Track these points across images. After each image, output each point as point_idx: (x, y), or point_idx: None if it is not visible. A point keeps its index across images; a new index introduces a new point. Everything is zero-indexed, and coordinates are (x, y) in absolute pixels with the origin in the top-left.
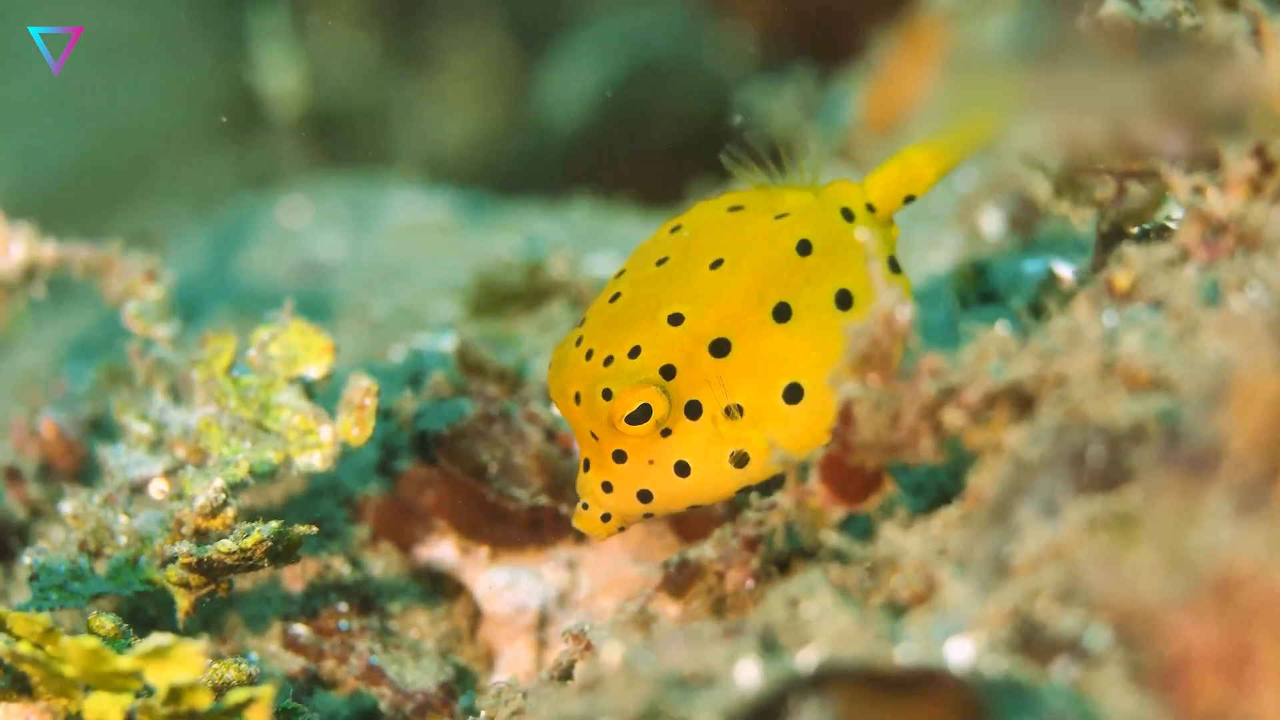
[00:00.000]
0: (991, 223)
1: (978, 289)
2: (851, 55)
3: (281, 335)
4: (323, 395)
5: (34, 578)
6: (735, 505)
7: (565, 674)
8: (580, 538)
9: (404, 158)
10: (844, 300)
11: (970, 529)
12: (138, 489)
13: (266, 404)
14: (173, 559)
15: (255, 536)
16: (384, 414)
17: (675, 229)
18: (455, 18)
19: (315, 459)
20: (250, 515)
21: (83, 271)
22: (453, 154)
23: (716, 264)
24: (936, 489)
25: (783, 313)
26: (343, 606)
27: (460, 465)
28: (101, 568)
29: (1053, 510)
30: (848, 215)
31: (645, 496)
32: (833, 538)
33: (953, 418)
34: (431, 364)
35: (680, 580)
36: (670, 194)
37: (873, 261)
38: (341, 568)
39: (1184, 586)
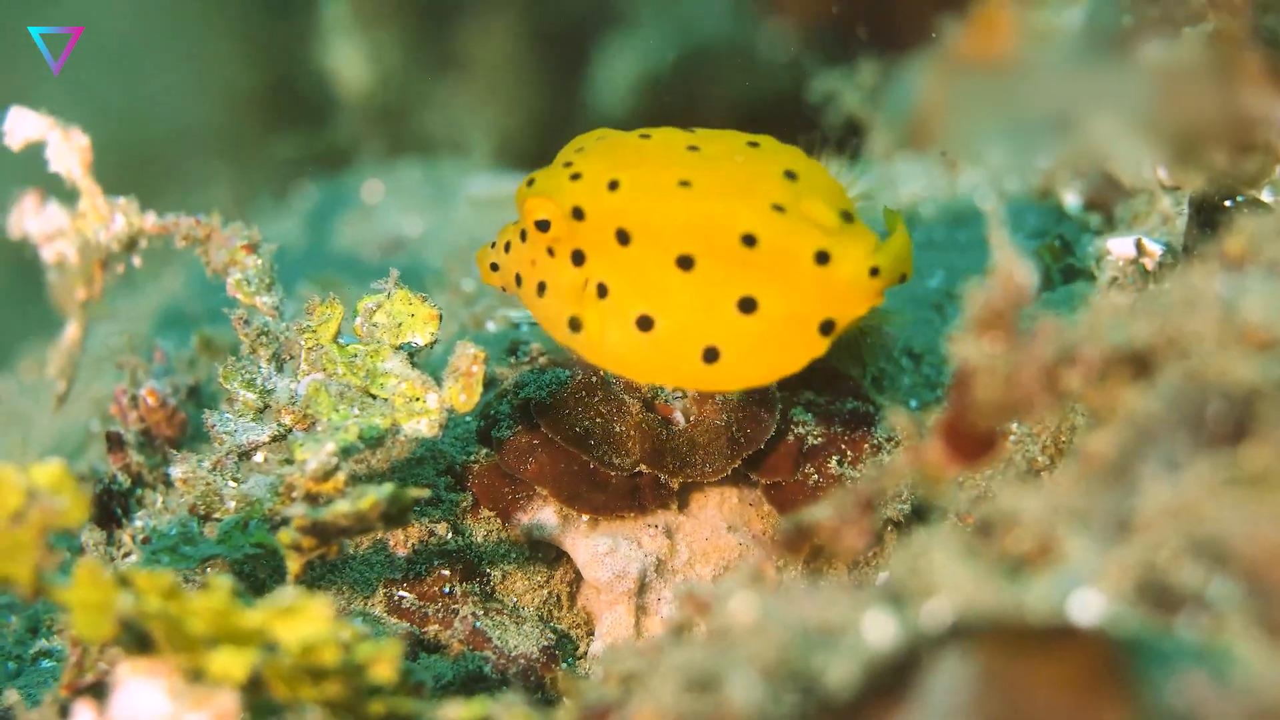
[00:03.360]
0: (1072, 198)
1: (1061, 263)
2: (908, 44)
3: (386, 304)
4: (422, 364)
5: (145, 540)
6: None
7: (679, 634)
8: (681, 506)
9: (460, 147)
10: (747, 305)
11: (1088, 487)
12: (245, 455)
13: (373, 371)
14: (286, 521)
15: (370, 499)
16: (485, 383)
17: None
18: (473, 19)
19: (423, 425)
20: (354, 482)
21: (184, 241)
22: (508, 143)
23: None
24: None
25: (686, 263)
26: (446, 572)
27: (562, 433)
28: (211, 531)
29: (1174, 467)
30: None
31: (518, 280)
32: (952, 495)
33: (1070, 379)
34: (527, 334)
35: (795, 540)
36: None
37: (997, 226)
38: (445, 534)
39: None
